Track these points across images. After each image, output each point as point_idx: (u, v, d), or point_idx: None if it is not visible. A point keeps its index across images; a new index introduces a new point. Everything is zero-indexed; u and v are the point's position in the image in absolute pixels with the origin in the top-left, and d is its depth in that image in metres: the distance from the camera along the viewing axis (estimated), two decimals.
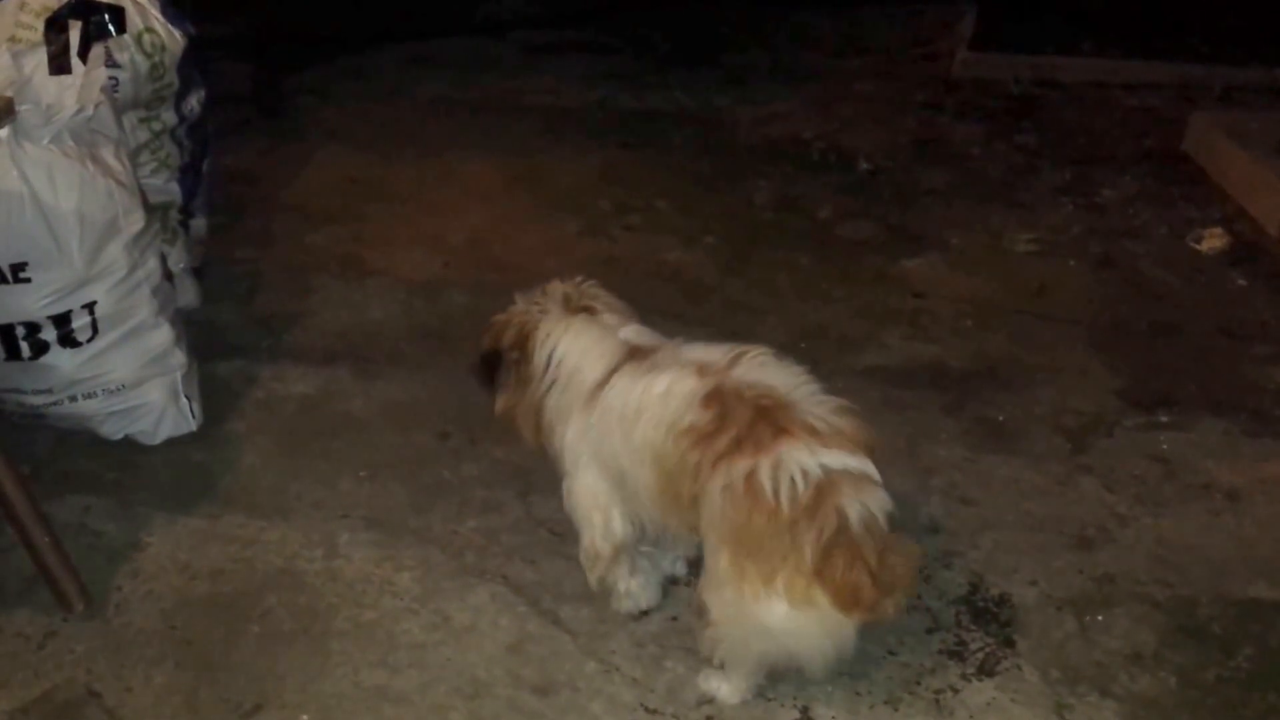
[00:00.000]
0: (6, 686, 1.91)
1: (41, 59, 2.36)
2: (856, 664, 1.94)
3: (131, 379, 2.42)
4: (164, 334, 2.45)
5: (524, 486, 2.37)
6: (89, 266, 2.27)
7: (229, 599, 2.09)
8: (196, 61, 2.83)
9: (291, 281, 3.23)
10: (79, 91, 2.32)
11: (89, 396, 2.39)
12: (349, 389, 2.74)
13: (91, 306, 2.31)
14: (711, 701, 1.88)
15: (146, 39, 2.64)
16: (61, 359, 2.32)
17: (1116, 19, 5.12)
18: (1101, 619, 2.06)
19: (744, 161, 4.09)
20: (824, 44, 5.40)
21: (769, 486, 1.60)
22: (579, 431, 1.89)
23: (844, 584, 1.60)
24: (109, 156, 2.33)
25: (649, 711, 1.87)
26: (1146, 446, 2.55)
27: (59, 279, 2.25)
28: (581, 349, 1.90)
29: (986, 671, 1.95)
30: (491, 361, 2.00)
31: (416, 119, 4.47)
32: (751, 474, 1.62)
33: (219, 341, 2.89)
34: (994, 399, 2.71)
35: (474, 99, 4.67)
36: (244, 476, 2.43)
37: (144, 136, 2.76)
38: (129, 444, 2.48)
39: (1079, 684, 1.92)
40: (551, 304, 1.97)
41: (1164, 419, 2.65)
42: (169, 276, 2.55)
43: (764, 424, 1.65)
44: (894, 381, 2.78)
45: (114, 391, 2.41)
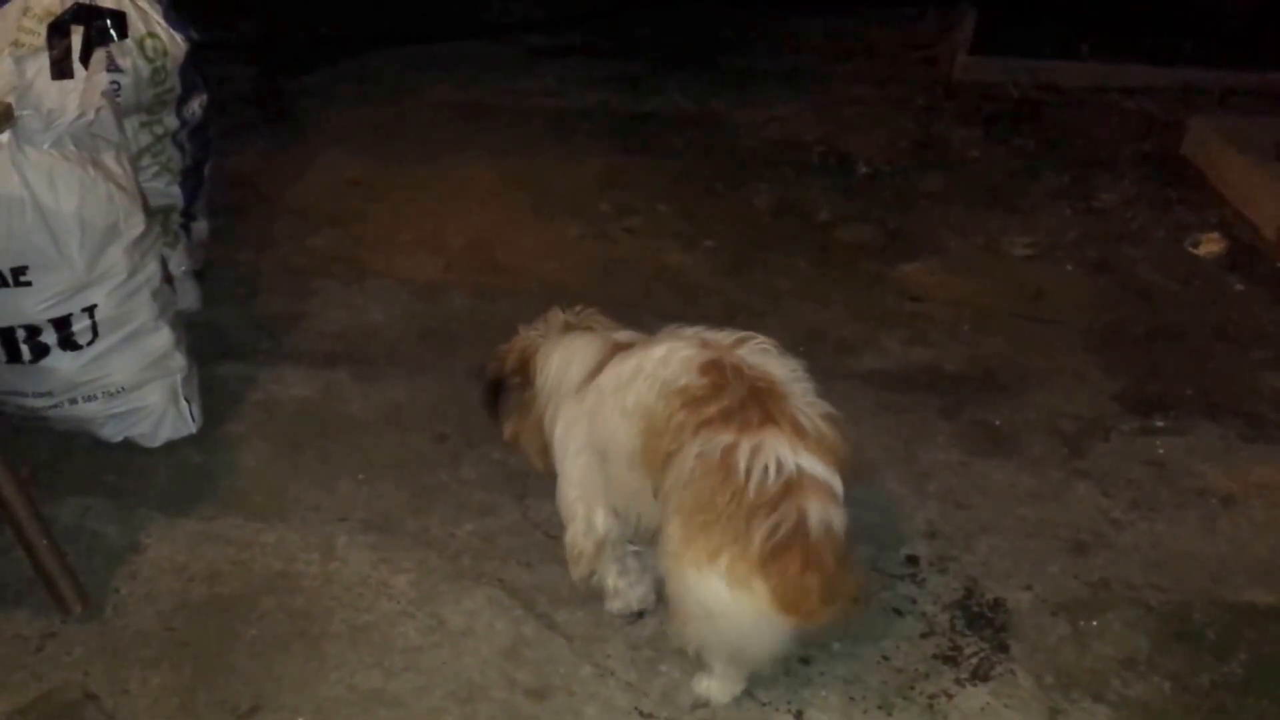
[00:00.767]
0: (4, 688, 1.92)
1: (44, 64, 2.38)
2: (850, 668, 1.96)
3: (131, 382, 2.43)
4: (164, 337, 2.47)
5: (521, 490, 2.38)
6: (89, 270, 2.28)
7: (226, 601, 2.10)
8: (198, 65, 2.85)
9: (292, 284, 3.25)
10: (81, 96, 2.34)
11: (89, 399, 2.41)
12: (348, 391, 2.75)
13: (92, 310, 2.32)
14: (707, 705, 1.88)
15: (148, 44, 2.65)
16: (62, 362, 2.33)
17: (1116, 23, 5.12)
18: (1096, 624, 2.07)
19: (744, 165, 4.10)
20: (824, 48, 5.41)
21: (743, 466, 1.61)
22: (569, 422, 1.92)
23: (793, 584, 1.61)
24: (110, 161, 2.34)
25: (644, 715, 1.87)
26: (1142, 451, 2.56)
27: (60, 282, 2.26)
28: (573, 351, 1.95)
29: (981, 676, 1.96)
30: (496, 389, 2.05)
31: (418, 122, 4.48)
32: (730, 449, 1.62)
33: (219, 344, 2.90)
34: (991, 403, 2.72)
35: (475, 102, 4.68)
36: (243, 479, 2.44)
37: (145, 140, 2.77)
38: (129, 446, 2.49)
39: (1073, 689, 1.93)
40: (551, 330, 2.01)
41: (1160, 424, 2.66)
42: (169, 279, 2.56)
43: (755, 405, 1.66)
44: (891, 385, 2.79)
45: (114, 394, 2.42)
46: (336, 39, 5.38)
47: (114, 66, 2.54)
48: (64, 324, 2.30)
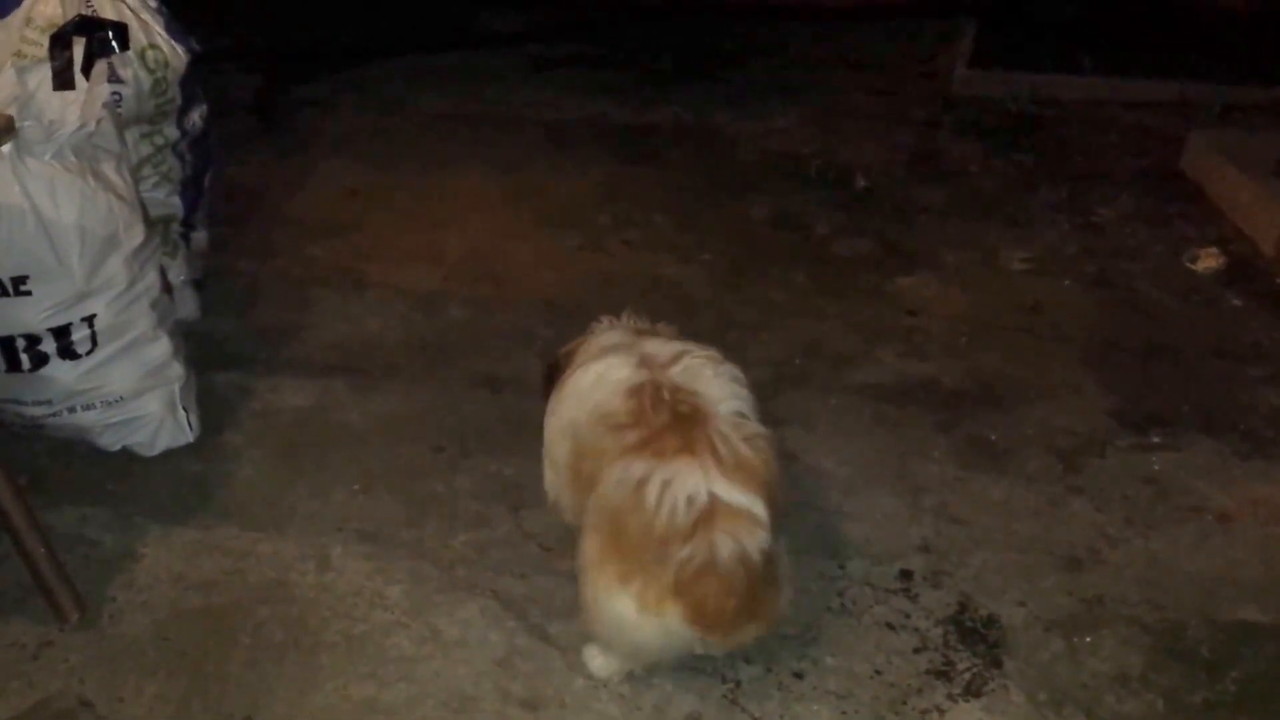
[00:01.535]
0: (1, 696, 1.92)
1: (45, 75, 2.40)
2: (842, 682, 1.96)
3: (130, 391, 2.44)
4: (163, 346, 2.48)
5: (515, 501, 2.39)
6: (89, 280, 2.29)
7: (222, 610, 2.11)
8: (199, 77, 2.86)
9: (291, 294, 3.26)
10: (82, 107, 2.35)
11: (88, 408, 2.42)
12: (345, 401, 2.76)
13: (91, 319, 2.33)
14: (700, 718, 1.88)
15: (150, 55, 2.67)
16: (61, 371, 2.34)
17: (1115, 37, 5.14)
18: (1089, 640, 2.07)
19: (742, 177, 4.11)
20: (823, 61, 5.43)
21: (653, 499, 1.63)
22: (549, 411, 1.98)
23: (708, 607, 1.65)
24: (110, 171, 2.35)
25: None
26: (1138, 467, 2.56)
27: (59, 292, 2.27)
28: (594, 351, 1.97)
29: (973, 692, 1.96)
30: (550, 379, 2.08)
31: (417, 132, 4.50)
32: (643, 482, 1.65)
33: (217, 353, 2.91)
34: (987, 418, 2.73)
35: (474, 113, 4.70)
36: (239, 488, 2.44)
37: (146, 151, 2.79)
38: (127, 455, 2.50)
39: (1065, 705, 1.93)
40: (614, 329, 2.04)
41: (1156, 440, 2.66)
42: (168, 289, 2.58)
43: (673, 433, 1.69)
44: (887, 399, 2.80)
45: (112, 403, 2.43)
46: (338, 49, 5.41)
47: (115, 78, 2.55)
48: (63, 333, 2.31)
